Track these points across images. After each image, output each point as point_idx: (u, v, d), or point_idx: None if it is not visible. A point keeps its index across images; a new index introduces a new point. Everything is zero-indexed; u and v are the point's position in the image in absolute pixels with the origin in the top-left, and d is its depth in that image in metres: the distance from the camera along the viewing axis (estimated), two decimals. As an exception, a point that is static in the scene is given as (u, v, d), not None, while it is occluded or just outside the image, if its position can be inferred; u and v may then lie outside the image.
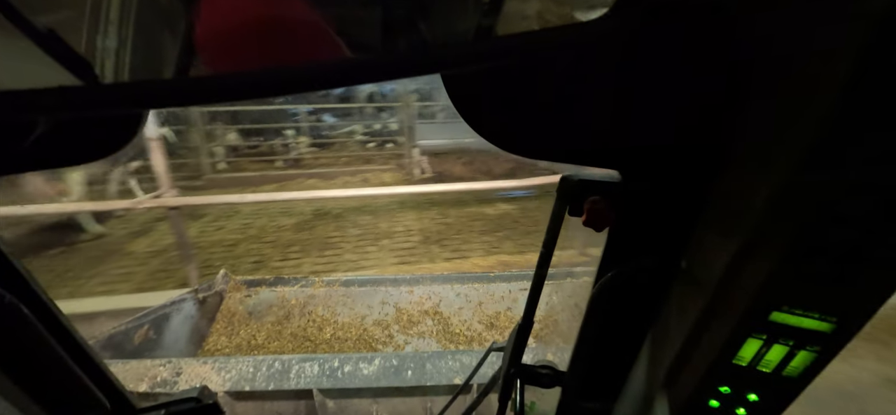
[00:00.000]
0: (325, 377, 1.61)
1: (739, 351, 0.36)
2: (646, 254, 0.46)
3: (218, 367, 1.65)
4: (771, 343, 0.35)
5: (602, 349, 0.55)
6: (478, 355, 1.66)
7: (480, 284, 2.76)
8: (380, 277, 2.87)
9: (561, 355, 1.51)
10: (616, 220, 0.44)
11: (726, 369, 0.38)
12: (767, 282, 0.32)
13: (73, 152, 0.43)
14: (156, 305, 2.39)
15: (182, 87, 0.29)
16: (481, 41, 0.34)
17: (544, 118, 0.41)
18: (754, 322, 0.34)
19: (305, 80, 0.29)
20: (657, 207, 0.43)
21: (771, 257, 0.31)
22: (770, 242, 0.31)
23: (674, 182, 0.41)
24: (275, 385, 1.60)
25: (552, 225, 0.48)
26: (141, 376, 1.60)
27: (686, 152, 0.39)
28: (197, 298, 2.52)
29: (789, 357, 0.35)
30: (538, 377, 0.66)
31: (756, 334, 0.35)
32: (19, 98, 0.25)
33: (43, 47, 0.28)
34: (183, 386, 1.59)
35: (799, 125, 0.28)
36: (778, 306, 0.33)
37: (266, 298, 2.70)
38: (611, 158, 0.42)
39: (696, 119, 0.37)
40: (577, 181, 0.44)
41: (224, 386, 1.60)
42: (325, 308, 2.62)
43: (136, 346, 2.14)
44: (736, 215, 0.35)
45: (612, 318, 0.51)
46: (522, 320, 0.61)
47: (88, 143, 0.43)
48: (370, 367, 1.63)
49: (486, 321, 2.51)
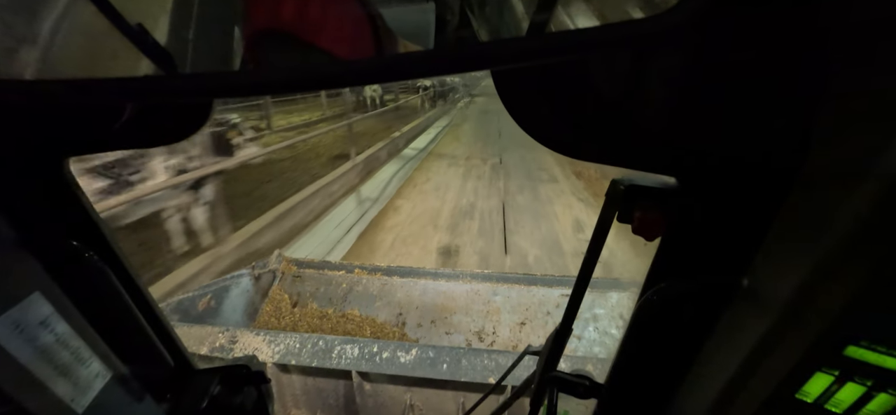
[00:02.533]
0: (365, 361, 1.68)
1: (805, 385, 0.33)
2: (699, 269, 0.43)
3: (268, 340, 1.77)
4: (844, 380, 0.31)
5: (644, 366, 0.52)
6: (514, 356, 1.64)
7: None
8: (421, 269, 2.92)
9: (601, 366, 1.45)
10: (668, 230, 0.41)
11: (788, 405, 0.34)
12: (845, 310, 0.28)
13: (154, 135, 0.48)
14: (218, 279, 2.62)
15: (249, 79, 0.31)
16: (534, 38, 0.33)
17: (596, 120, 0.39)
18: (825, 355, 0.31)
19: (368, 73, 0.30)
20: (717, 219, 0.40)
21: (852, 282, 0.27)
22: (852, 264, 0.27)
23: (738, 192, 0.38)
24: (318, 362, 1.69)
25: (599, 230, 0.46)
26: (202, 340, 1.76)
27: (755, 159, 0.36)
28: (253, 274, 2.72)
29: (866, 399, 0.31)
30: (573, 386, 0.64)
31: (827, 368, 0.31)
32: (112, 85, 0.29)
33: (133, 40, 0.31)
34: (237, 353, 1.73)
35: (893, 135, 0.24)
36: (856, 340, 0.29)
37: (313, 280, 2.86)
38: (668, 164, 0.39)
39: (772, 125, 0.34)
40: (628, 186, 0.42)
41: (273, 358, 1.72)
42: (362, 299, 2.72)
43: (200, 312, 2.36)
44: (812, 232, 0.31)
45: (657, 334, 0.48)
46: (560, 326, 0.59)
47: (167, 126, 0.47)
48: (407, 356, 1.67)
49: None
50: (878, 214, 0.25)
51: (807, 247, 0.31)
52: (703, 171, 0.38)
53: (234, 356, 1.72)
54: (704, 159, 0.37)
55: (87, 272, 0.53)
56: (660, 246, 0.44)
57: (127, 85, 0.29)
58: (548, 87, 0.38)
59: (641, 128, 0.38)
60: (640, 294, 0.48)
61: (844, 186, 0.28)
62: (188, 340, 1.77)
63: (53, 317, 0.47)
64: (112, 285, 0.56)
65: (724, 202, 0.39)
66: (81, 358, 0.50)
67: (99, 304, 0.54)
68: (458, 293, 2.70)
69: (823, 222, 0.30)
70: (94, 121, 0.46)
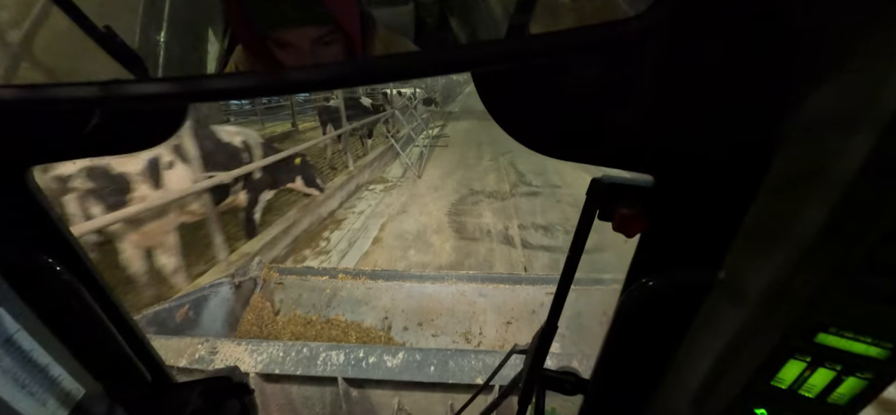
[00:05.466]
0: (350, 367, 1.66)
1: (779, 372, 0.34)
2: (679, 264, 0.44)
3: (250, 349, 1.73)
4: (816, 366, 0.33)
5: (628, 361, 0.53)
6: (501, 355, 1.65)
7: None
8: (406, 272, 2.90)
9: (586, 362, 1.48)
10: (648, 226, 0.42)
11: (764, 391, 0.36)
12: (816, 299, 0.30)
13: (125, 141, 0.46)
14: (196, 287, 2.54)
15: (224, 83, 0.31)
16: (514, 40, 0.33)
17: (576, 120, 0.40)
18: (799, 342, 0.32)
19: (342, 77, 0.29)
20: (694, 215, 0.41)
21: (821, 273, 0.29)
22: (821, 255, 0.29)
23: (713, 189, 0.39)
24: (302, 370, 1.66)
25: (581, 228, 0.47)
26: (181, 352, 1.70)
27: (728, 157, 0.37)
28: (233, 282, 2.65)
29: (836, 383, 0.33)
30: (560, 383, 0.65)
31: (799, 355, 0.32)
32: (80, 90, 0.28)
33: (101, 44, 0.30)
34: (218, 364, 1.68)
35: (857, 129, 0.25)
36: (825, 327, 0.31)
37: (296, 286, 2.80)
38: (645, 162, 0.40)
39: (742, 123, 0.35)
40: (608, 184, 0.43)
41: (256, 367, 1.68)
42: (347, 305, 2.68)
43: (178, 324, 2.28)
44: (784, 226, 0.33)
45: (640, 328, 0.50)
46: (546, 324, 0.60)
47: (139, 132, 0.46)
48: (394, 360, 1.66)
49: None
50: (842, 207, 0.27)
51: (778, 240, 0.33)
52: (680, 169, 0.39)
53: (215, 368, 1.67)
54: (680, 158, 0.38)
55: (55, 286, 0.51)
56: (639, 243, 0.45)
57: (94, 90, 0.28)
58: (528, 88, 0.39)
59: (619, 128, 0.39)
60: (622, 290, 0.49)
61: (811, 182, 0.29)
62: (166, 352, 1.71)
63: (20, 334, 0.44)
64: (82, 299, 0.54)
65: (700, 199, 0.40)
66: (51, 377, 0.47)
67: (68, 319, 0.52)
68: (443, 295, 2.69)
69: (793, 217, 0.31)
70: (60, 127, 0.44)
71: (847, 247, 0.27)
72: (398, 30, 0.49)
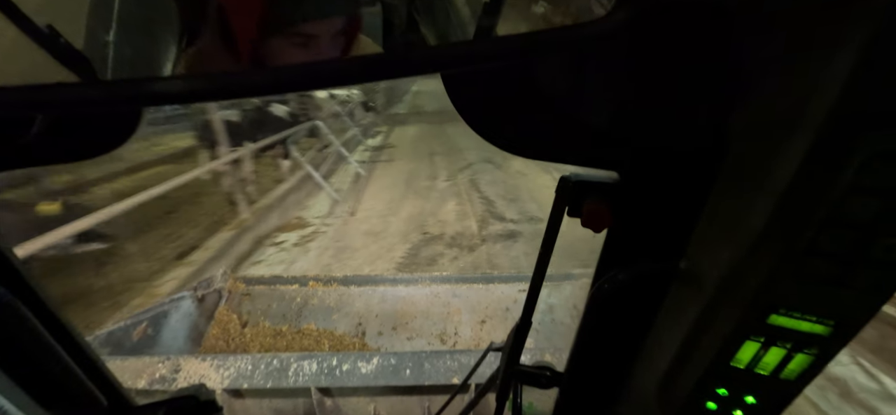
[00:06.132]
0: (324, 376, 1.61)
1: (737, 353, 0.36)
2: (644, 256, 0.46)
3: (216, 364, 1.65)
4: (769, 346, 0.35)
5: (600, 351, 0.55)
6: (476, 354, 1.66)
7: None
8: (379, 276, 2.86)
9: (560, 355, 1.51)
10: (614, 221, 0.44)
11: (724, 372, 0.38)
12: (766, 284, 0.32)
13: (73, 148, 0.43)
14: (154, 303, 2.39)
15: (179, 85, 0.29)
16: (481, 41, 0.34)
17: (543, 119, 0.41)
18: (753, 324, 0.34)
19: (304, 79, 0.29)
20: (656, 209, 0.43)
21: (770, 259, 0.31)
22: (769, 243, 0.31)
23: (673, 183, 0.41)
24: (273, 383, 1.60)
25: (551, 225, 0.48)
26: (140, 373, 1.60)
27: (686, 153, 0.39)
28: (196, 296, 2.52)
29: (787, 360, 0.35)
30: (536, 378, 0.66)
31: (754, 336, 0.35)
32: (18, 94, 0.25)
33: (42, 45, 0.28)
34: (181, 383, 1.59)
35: (799, 125, 0.27)
36: (776, 309, 0.33)
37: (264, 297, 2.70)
38: (609, 159, 0.42)
39: (697, 119, 0.37)
40: (575, 182, 0.44)
41: (223, 383, 1.60)
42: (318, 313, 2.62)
43: (135, 343, 2.14)
44: (736, 217, 0.35)
45: (610, 320, 0.51)
46: (520, 321, 0.61)
47: (89, 139, 0.43)
48: (368, 366, 1.63)
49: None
50: (787, 197, 0.29)
51: (732, 230, 0.35)
52: (643, 165, 0.41)
53: (179, 387, 1.58)
54: (643, 154, 0.40)
55: None
56: (607, 237, 0.47)
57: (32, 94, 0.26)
58: (495, 88, 0.40)
59: (584, 126, 0.40)
60: (592, 284, 0.50)
61: (759, 175, 0.32)
62: (123, 374, 1.60)
63: None
64: (25, 322, 0.49)
65: (662, 193, 0.42)
66: (-10, 409, 0.43)
67: (11, 345, 0.47)
68: (417, 298, 2.68)
69: (745, 208, 0.33)
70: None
71: (792, 234, 0.30)
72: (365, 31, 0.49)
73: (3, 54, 0.29)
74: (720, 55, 0.34)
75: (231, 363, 1.65)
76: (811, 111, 0.26)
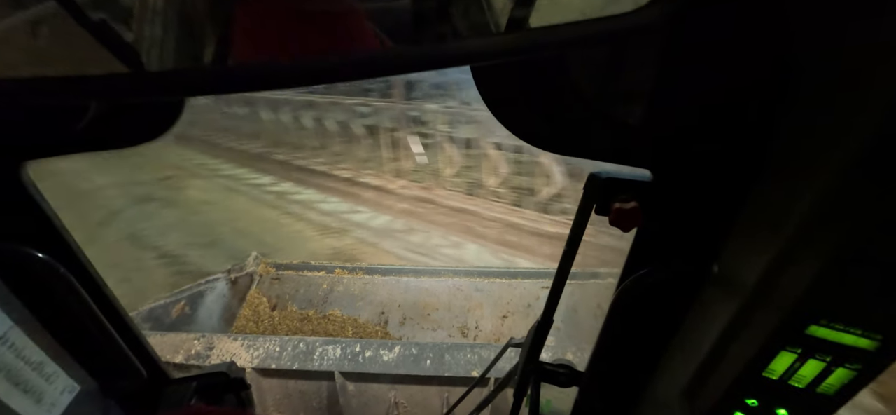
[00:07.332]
0: (347, 361, 1.66)
1: (771, 364, 0.35)
2: (674, 257, 0.44)
3: (247, 344, 1.73)
4: (806, 358, 0.33)
5: (623, 352, 0.54)
6: (496, 349, 1.66)
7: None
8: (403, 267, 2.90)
9: (581, 355, 1.49)
10: (644, 221, 0.43)
11: (755, 382, 0.36)
12: (806, 293, 0.30)
13: (122, 136, 0.45)
14: (192, 283, 2.53)
15: (220, 75, 0.30)
16: (514, 33, 0.33)
17: (576, 114, 0.40)
18: (790, 334, 0.33)
19: (339, 70, 0.29)
20: (690, 209, 0.42)
21: (811, 266, 0.29)
22: (812, 249, 0.29)
23: (709, 183, 0.39)
24: (299, 365, 1.66)
25: (577, 222, 0.47)
26: (177, 348, 1.70)
27: (724, 153, 0.37)
28: (229, 278, 2.64)
29: (826, 374, 0.33)
30: (555, 376, 0.66)
31: (790, 347, 0.33)
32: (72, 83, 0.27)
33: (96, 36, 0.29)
34: (214, 360, 1.68)
35: (849, 127, 0.26)
36: (816, 319, 0.31)
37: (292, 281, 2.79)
38: (643, 157, 0.41)
39: (737, 118, 0.36)
40: (605, 179, 0.43)
41: (252, 362, 1.68)
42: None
43: (173, 320, 2.27)
44: (776, 220, 0.33)
45: (635, 321, 0.50)
46: (542, 318, 0.60)
47: (137, 126, 0.45)
48: (390, 354, 1.66)
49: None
50: (834, 203, 0.27)
51: (771, 235, 0.33)
52: (677, 164, 0.39)
53: (212, 363, 1.67)
54: (678, 153, 0.39)
55: (50, 283, 0.51)
56: (636, 236, 0.46)
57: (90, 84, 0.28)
58: (527, 82, 0.39)
59: (618, 122, 0.39)
60: (617, 284, 0.49)
61: (804, 178, 0.30)
62: (162, 349, 1.71)
63: (13, 331, 0.44)
64: (77, 295, 0.53)
65: (697, 194, 0.40)
66: (46, 373, 0.47)
67: (63, 315, 0.51)
68: (440, 290, 2.70)
69: (786, 212, 0.31)
70: (54, 122, 0.43)
71: (839, 239, 0.28)
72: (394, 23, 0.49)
73: (61, 47, 0.31)
74: (764, 50, 0.32)
75: (260, 344, 1.73)
76: (864, 111, 0.25)
